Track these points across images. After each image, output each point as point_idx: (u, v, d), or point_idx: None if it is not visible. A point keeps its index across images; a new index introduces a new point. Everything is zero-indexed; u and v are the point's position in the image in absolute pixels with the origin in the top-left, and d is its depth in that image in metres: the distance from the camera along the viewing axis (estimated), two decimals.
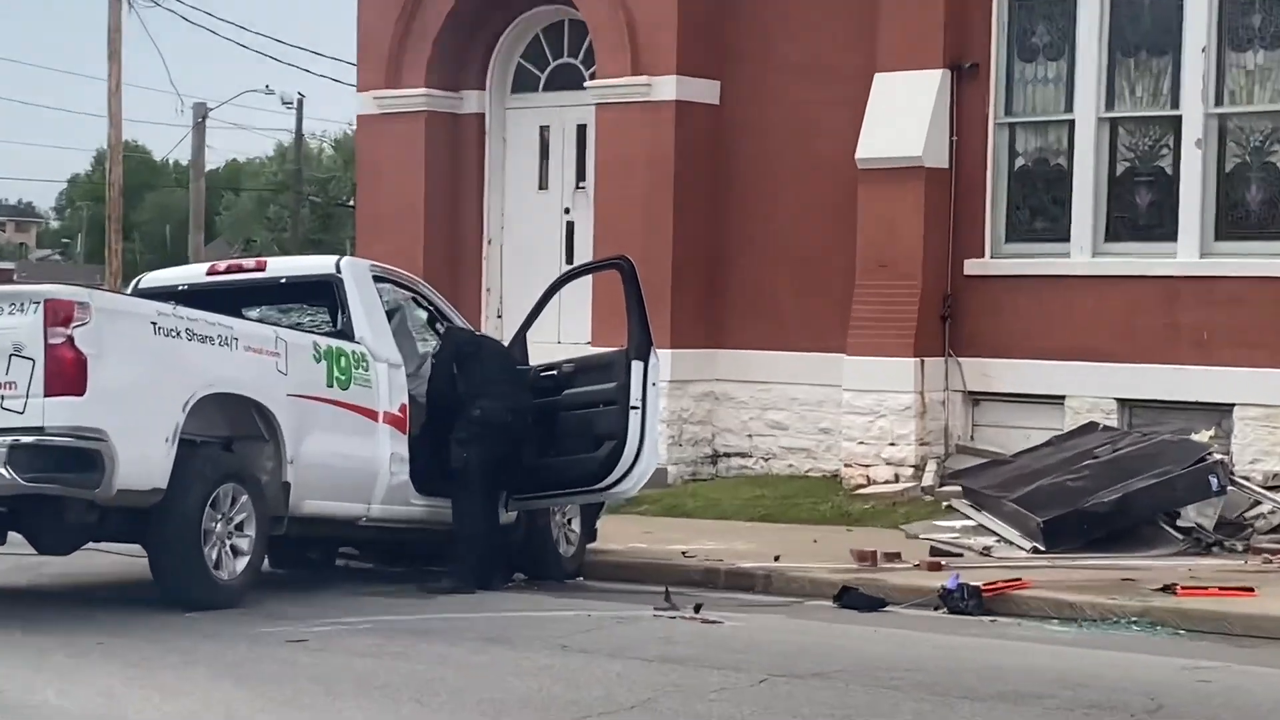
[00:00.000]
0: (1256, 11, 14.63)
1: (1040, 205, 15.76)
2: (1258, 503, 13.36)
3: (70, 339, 9.35)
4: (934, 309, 15.78)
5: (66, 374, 9.34)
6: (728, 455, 17.26)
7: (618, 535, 13.58)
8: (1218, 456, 13.31)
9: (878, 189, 15.82)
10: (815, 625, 10.35)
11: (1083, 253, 15.33)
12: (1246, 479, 13.68)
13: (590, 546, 12.96)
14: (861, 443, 15.78)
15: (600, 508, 13.06)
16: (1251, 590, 10.89)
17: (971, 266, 15.81)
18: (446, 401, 11.92)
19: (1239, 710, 7.65)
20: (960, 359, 15.79)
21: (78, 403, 9.36)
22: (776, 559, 12.49)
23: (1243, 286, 14.50)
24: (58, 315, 9.37)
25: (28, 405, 9.34)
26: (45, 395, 9.33)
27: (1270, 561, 12.23)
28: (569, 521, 12.78)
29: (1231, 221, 14.78)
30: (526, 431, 12.02)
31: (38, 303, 9.40)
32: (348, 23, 19.55)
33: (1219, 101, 14.74)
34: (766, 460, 16.98)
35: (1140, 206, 15.27)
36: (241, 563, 10.34)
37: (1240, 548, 12.79)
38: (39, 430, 9.33)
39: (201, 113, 42.88)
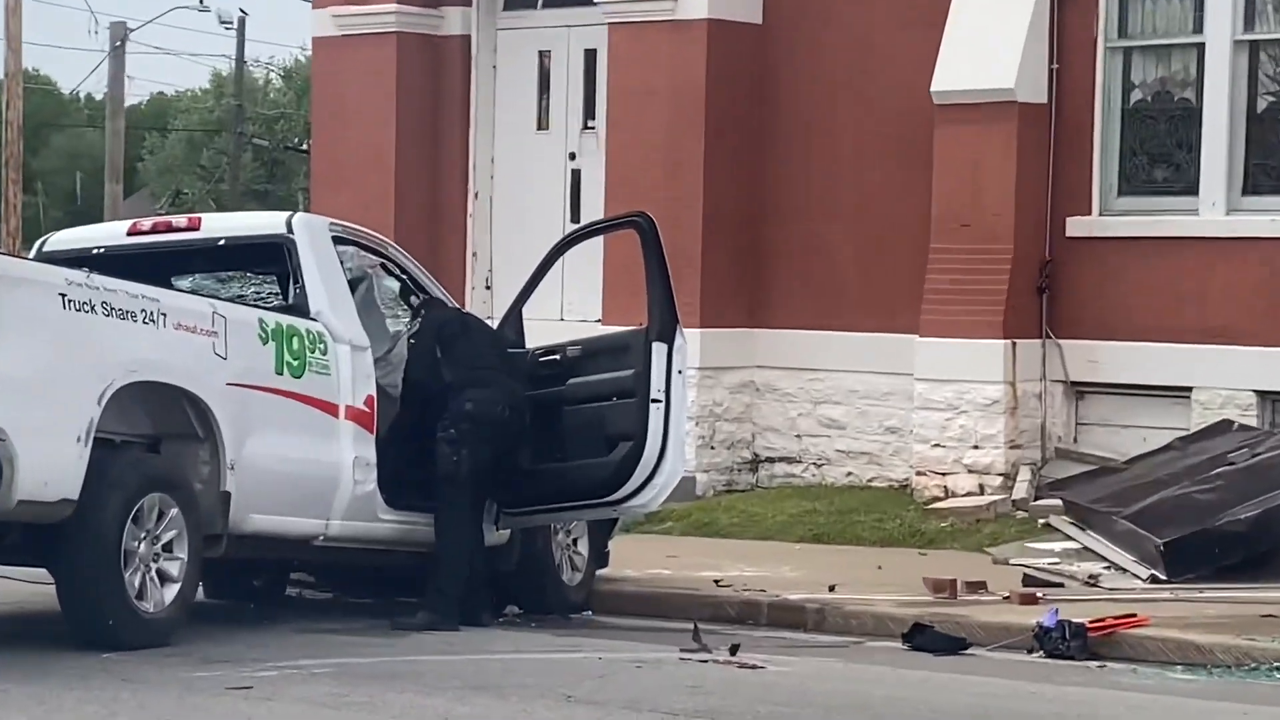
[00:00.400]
0: None
1: (1161, 150, 15.76)
2: None
3: None
4: (1029, 279, 15.78)
5: None
6: (771, 460, 17.27)
7: (635, 559, 13.60)
8: None
9: (959, 130, 15.82)
10: (879, 672, 10.35)
11: (1214, 209, 15.33)
12: None
13: (600, 573, 12.98)
14: (937, 445, 15.79)
15: (613, 525, 13.08)
16: None
17: (1075, 226, 15.80)
18: (427, 393, 11.93)
19: None
20: (1061, 341, 15.80)
21: None
22: (831, 589, 12.50)
23: None
24: None
25: None
26: None
27: None
28: (574, 542, 12.81)
29: None
30: (524, 430, 12.05)
31: None
32: None
33: None
34: (819, 467, 16.98)
35: None
36: (170, 592, 10.34)
37: None
38: None
39: (120, 35, 42.93)
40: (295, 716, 8.33)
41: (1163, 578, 12.72)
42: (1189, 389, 15.27)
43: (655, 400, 11.84)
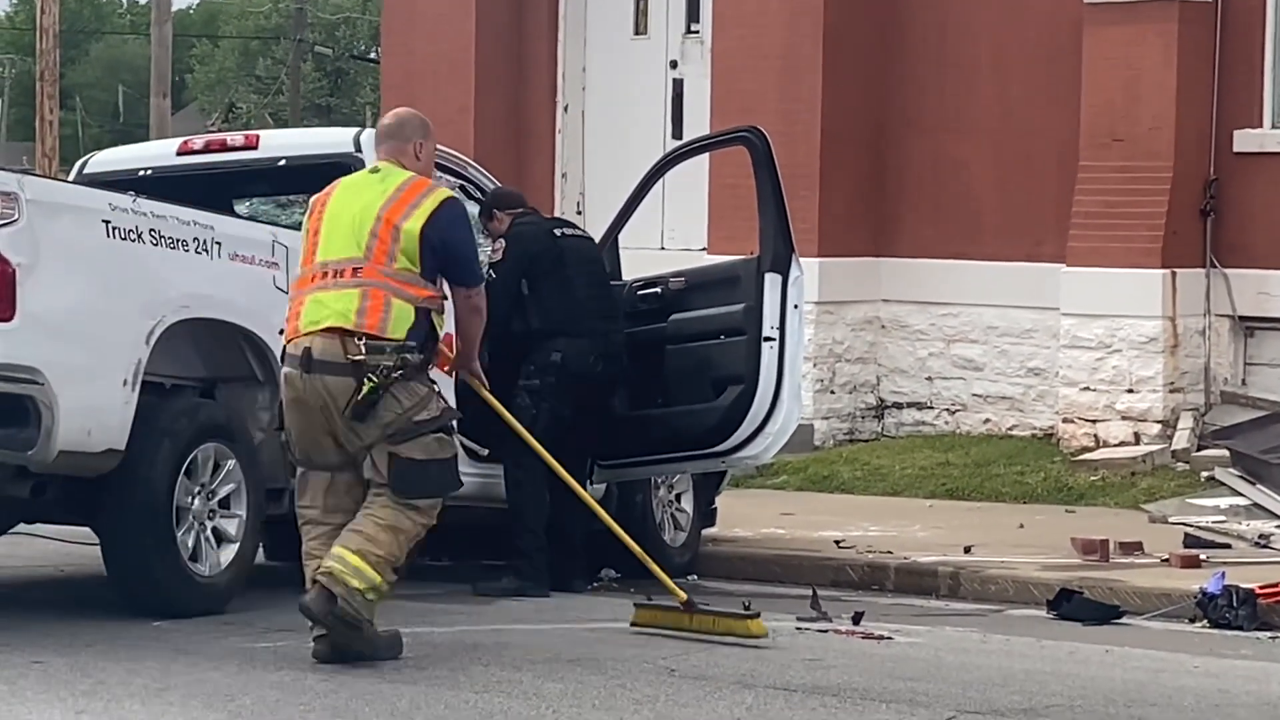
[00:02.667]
0: None
1: None
2: None
3: None
4: (1191, 201, 15.71)
5: None
6: (898, 406, 17.26)
7: (746, 517, 13.62)
8: None
9: (1111, 31, 15.77)
10: (1022, 643, 10.34)
11: None
12: None
13: (707, 533, 13.02)
14: (1087, 389, 15.76)
15: (721, 479, 13.11)
16: None
17: (1245, 140, 15.71)
18: (510, 333, 11.94)
19: None
20: (1227, 271, 15.73)
21: (3, 331, 9.44)
22: (967, 551, 12.53)
23: None
24: None
25: None
26: None
27: None
28: (678, 498, 12.85)
29: None
30: (619, 380, 12.06)
31: None
32: None
33: None
34: (953, 413, 16.97)
35: None
36: (228, 553, 10.44)
37: None
38: None
39: None
40: (368, 692, 8.39)
41: None
42: None
43: (768, 339, 11.82)
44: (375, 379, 8.86)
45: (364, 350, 8.88)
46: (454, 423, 9.49)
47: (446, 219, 9.20)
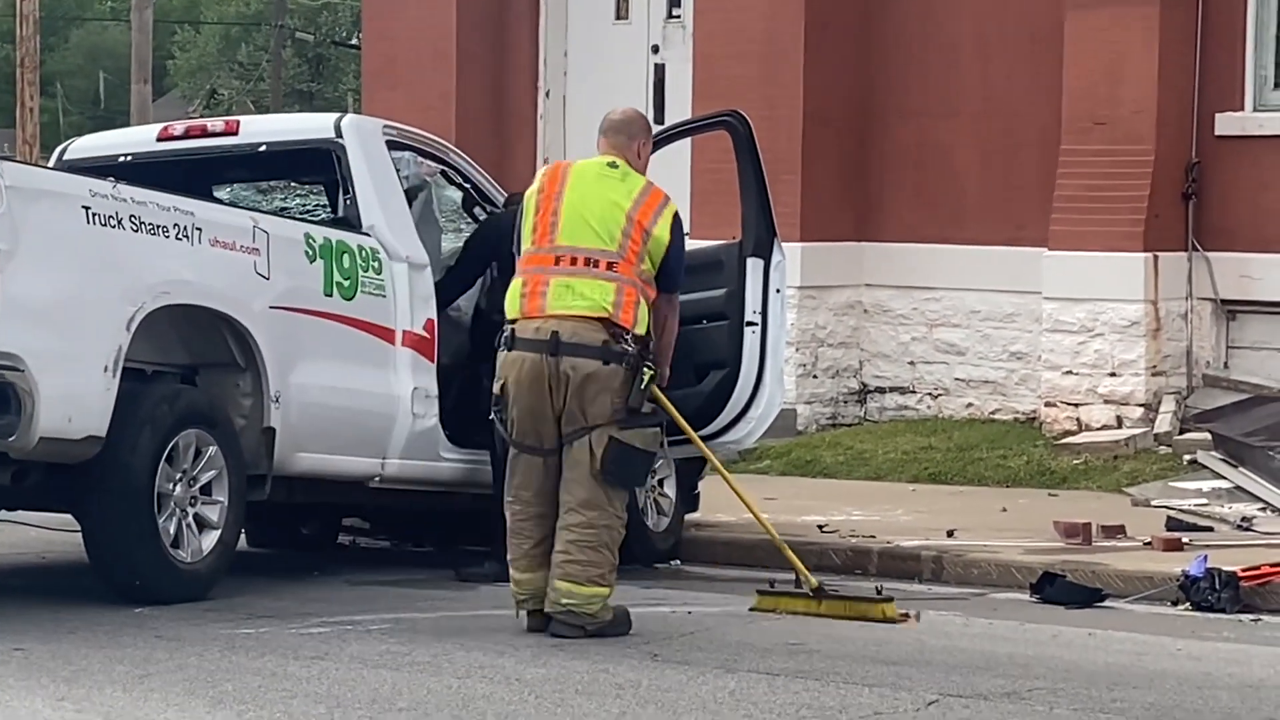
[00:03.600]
0: None
1: None
2: None
3: None
4: (1173, 184, 15.71)
5: None
6: (881, 391, 17.27)
7: (729, 503, 13.55)
8: None
9: (1092, 15, 15.76)
10: (1005, 626, 10.36)
11: None
12: None
13: (690, 518, 13.02)
14: (1069, 373, 15.77)
15: (703, 465, 13.07)
16: None
17: (1226, 124, 15.72)
18: (491, 317, 11.94)
19: None
20: (1209, 254, 15.74)
21: None
22: (950, 535, 12.54)
23: None
24: None
25: None
26: None
27: None
28: (660, 483, 12.82)
29: None
30: None
31: None
32: None
33: None
34: (935, 398, 16.98)
35: None
36: (210, 539, 10.41)
37: None
38: None
39: None
40: (350, 678, 8.39)
41: None
42: None
43: (750, 324, 11.84)
44: (632, 367, 9.47)
45: (617, 340, 9.45)
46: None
47: (679, 230, 9.86)
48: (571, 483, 9.51)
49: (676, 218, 9.83)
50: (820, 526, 12.96)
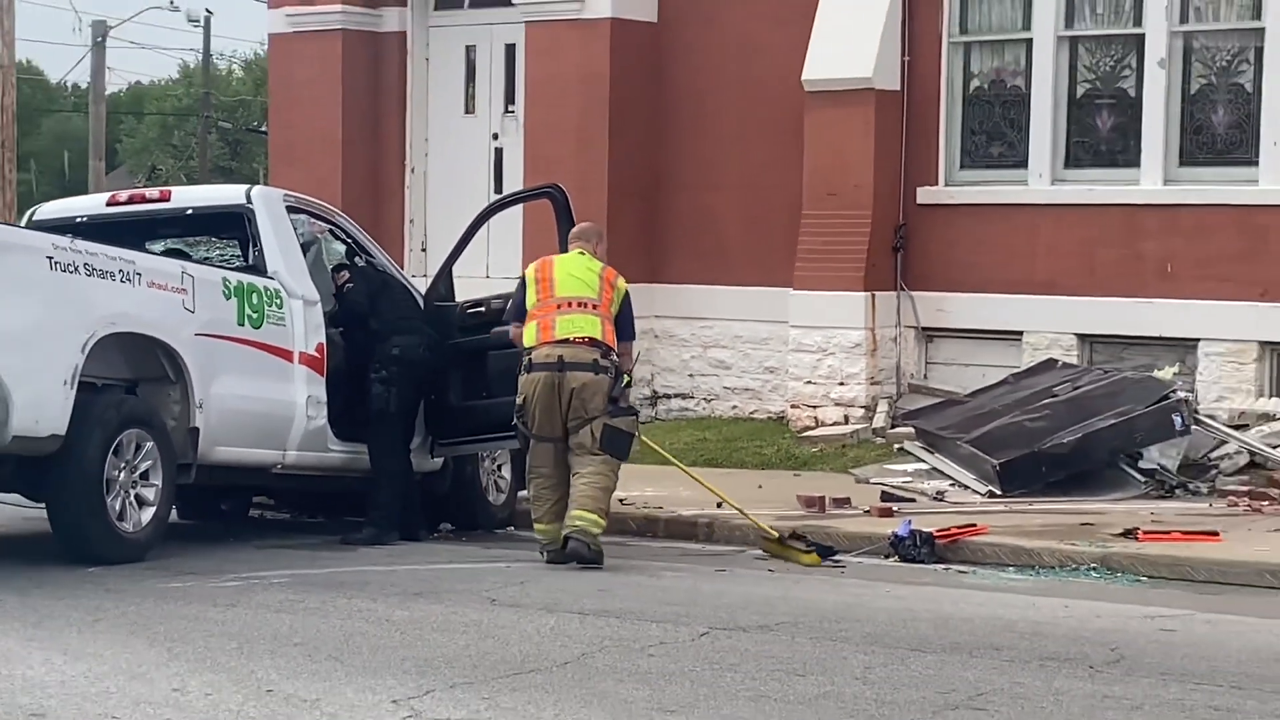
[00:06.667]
0: None
1: (996, 130, 15.81)
2: (1223, 443, 13.51)
3: None
4: (885, 240, 15.83)
5: None
6: (668, 396, 17.29)
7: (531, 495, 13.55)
8: (1182, 395, 13.43)
9: (825, 113, 15.83)
10: (760, 575, 10.39)
11: (1041, 180, 15.41)
12: (1211, 418, 13.81)
13: (522, 494, 12.93)
14: (809, 382, 15.85)
15: None
16: (1216, 535, 11.02)
17: (925, 195, 15.86)
18: (361, 341, 11.86)
19: (1204, 661, 7.72)
20: (913, 293, 15.86)
21: None
22: (719, 506, 12.51)
23: (1208, 215, 14.61)
24: None
25: None
26: None
27: (1236, 504, 12.37)
28: (499, 468, 12.78)
29: (1196, 146, 14.89)
30: (450, 371, 11.99)
31: None
32: None
33: (1184, 19, 14.82)
34: (709, 401, 17.02)
35: (1101, 131, 15.35)
36: (147, 514, 10.26)
37: (1205, 490, 12.95)
38: None
39: (101, 31, 42.31)
40: (255, 621, 8.28)
41: (998, 493, 12.85)
42: (1020, 333, 15.39)
43: None
44: (613, 374, 10.46)
45: (604, 356, 10.45)
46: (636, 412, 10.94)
47: (628, 294, 10.88)
48: (581, 455, 10.41)
49: (625, 285, 10.90)
50: (620, 500, 12.88)
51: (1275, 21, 14.35)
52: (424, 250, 18.30)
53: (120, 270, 10.17)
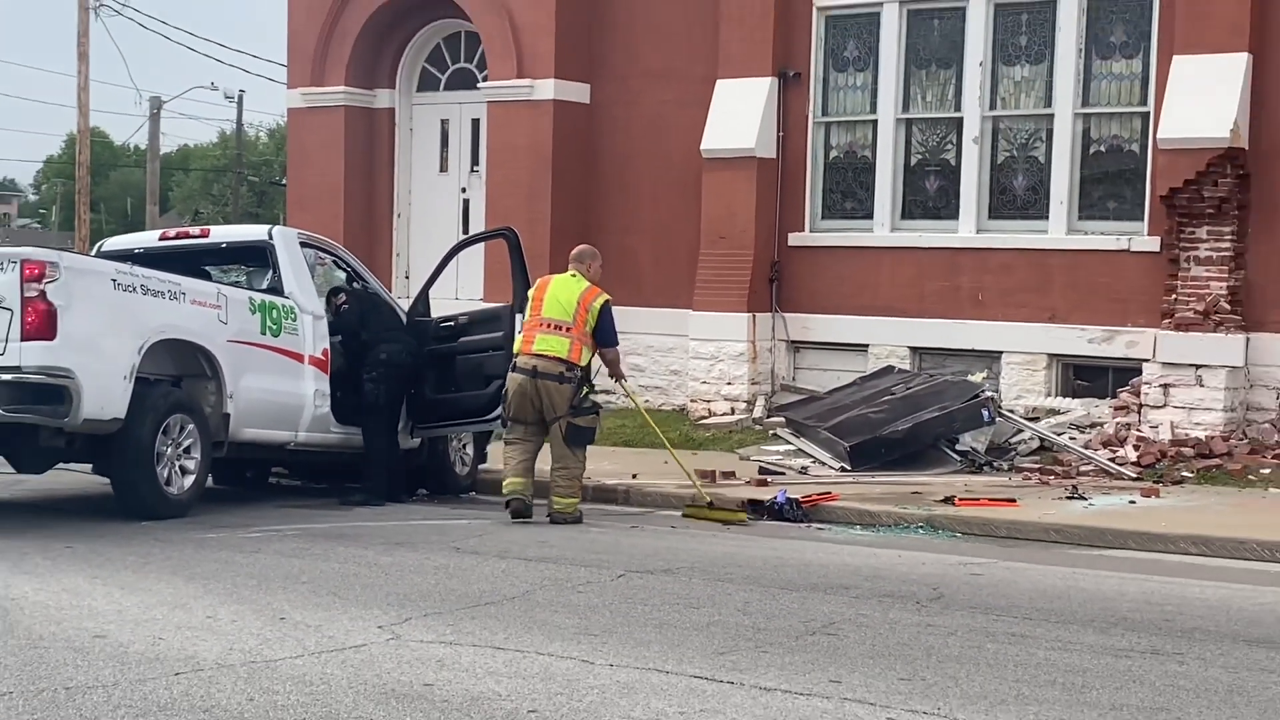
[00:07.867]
0: (1023, 33, 14.85)
1: (849, 189, 15.89)
2: (1020, 431, 13.64)
3: (43, 293, 9.13)
4: (764, 273, 15.87)
5: (40, 322, 9.12)
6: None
7: (502, 458, 13.51)
8: (989, 394, 13.55)
9: (718, 175, 15.86)
10: (665, 531, 10.40)
11: (883, 228, 15.51)
12: (1011, 412, 13.95)
13: (481, 467, 12.92)
14: (704, 382, 15.87)
15: (489, 435, 13.01)
16: (1014, 501, 11.12)
17: (794, 239, 15.92)
18: (355, 348, 11.81)
19: (1004, 597, 7.81)
20: (784, 314, 15.91)
21: (49, 346, 9.14)
22: (634, 477, 12.54)
23: (1010, 257, 14.77)
24: (33, 273, 9.13)
25: (6, 348, 9.11)
26: (22, 340, 9.11)
27: (1029, 479, 12.50)
28: (464, 446, 12.73)
29: (1002, 204, 15.02)
30: (426, 371, 11.94)
31: (15, 262, 9.16)
32: (282, 28, 19.18)
33: (993, 106, 14.96)
34: (627, 397, 16.98)
35: (929, 191, 15.46)
36: (189, 480, 10.18)
37: (1006, 467, 13.06)
38: (16, 369, 9.11)
39: (156, 105, 41.89)
40: (271, 564, 8.22)
41: (849, 469, 12.91)
42: (866, 345, 15.46)
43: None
44: (576, 384, 10.32)
45: (569, 369, 10.31)
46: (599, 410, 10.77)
47: (608, 308, 10.56)
48: (554, 447, 10.40)
49: (607, 302, 10.57)
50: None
51: (1062, 108, 14.53)
52: (407, 277, 18.21)
53: (169, 290, 10.07)
